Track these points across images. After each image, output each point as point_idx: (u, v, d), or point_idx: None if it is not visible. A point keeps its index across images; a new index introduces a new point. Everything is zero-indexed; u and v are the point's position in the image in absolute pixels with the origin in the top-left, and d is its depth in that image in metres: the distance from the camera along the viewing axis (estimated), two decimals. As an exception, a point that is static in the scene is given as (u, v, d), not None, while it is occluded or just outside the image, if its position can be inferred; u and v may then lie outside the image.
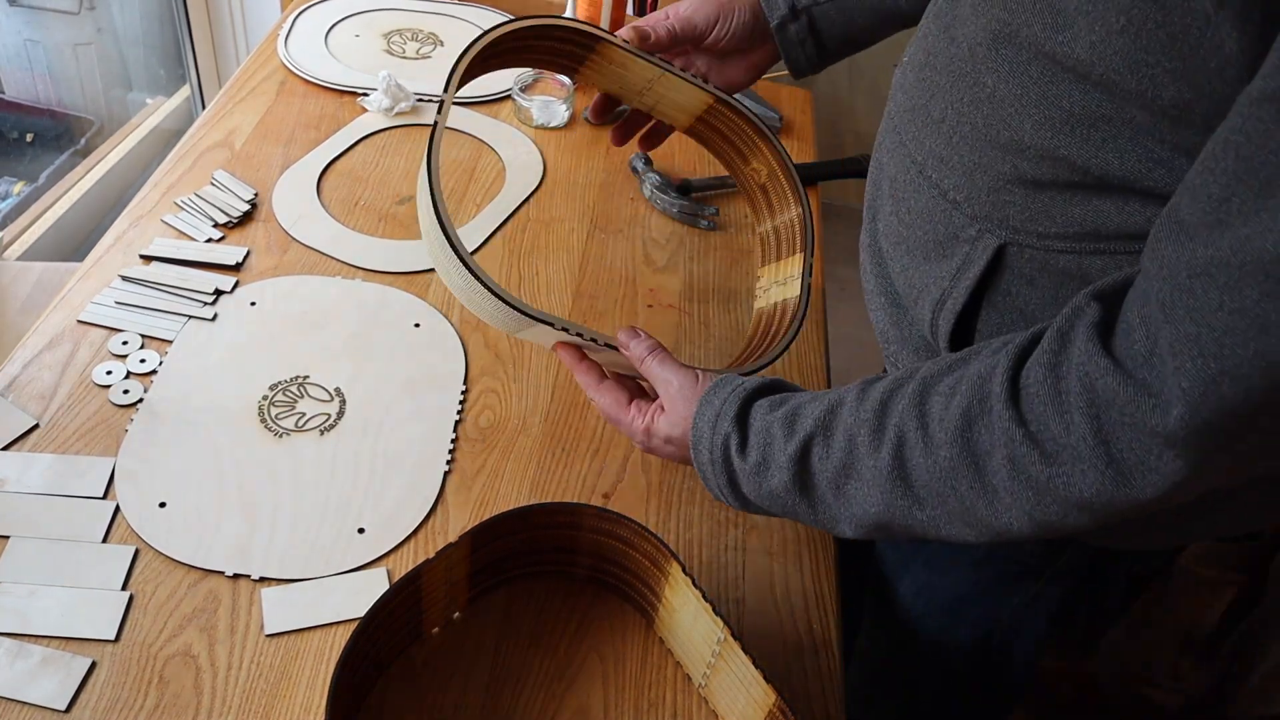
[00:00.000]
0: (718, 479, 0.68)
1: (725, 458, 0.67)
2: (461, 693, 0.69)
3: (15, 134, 1.87)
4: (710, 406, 0.69)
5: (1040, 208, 0.62)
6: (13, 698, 0.65)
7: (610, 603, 0.76)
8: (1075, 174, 0.59)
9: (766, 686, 0.62)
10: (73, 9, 1.92)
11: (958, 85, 0.65)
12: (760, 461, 0.65)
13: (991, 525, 0.57)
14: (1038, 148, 0.60)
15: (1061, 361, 0.52)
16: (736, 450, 0.66)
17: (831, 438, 0.62)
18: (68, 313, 0.90)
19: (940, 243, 0.69)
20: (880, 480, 0.60)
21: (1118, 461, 0.50)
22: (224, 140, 1.13)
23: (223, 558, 0.74)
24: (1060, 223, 0.62)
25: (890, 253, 0.74)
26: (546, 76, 1.27)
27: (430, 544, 0.77)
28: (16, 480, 0.76)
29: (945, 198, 0.68)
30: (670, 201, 1.12)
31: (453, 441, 0.85)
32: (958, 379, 0.58)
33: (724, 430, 0.67)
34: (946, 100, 0.66)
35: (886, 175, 0.75)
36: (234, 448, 0.81)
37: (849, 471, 0.61)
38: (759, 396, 0.68)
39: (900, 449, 0.59)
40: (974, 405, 0.56)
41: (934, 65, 0.68)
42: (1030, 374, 0.54)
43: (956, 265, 0.68)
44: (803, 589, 0.79)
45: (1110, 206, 0.59)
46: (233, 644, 0.69)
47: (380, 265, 1.00)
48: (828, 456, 0.62)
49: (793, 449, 0.63)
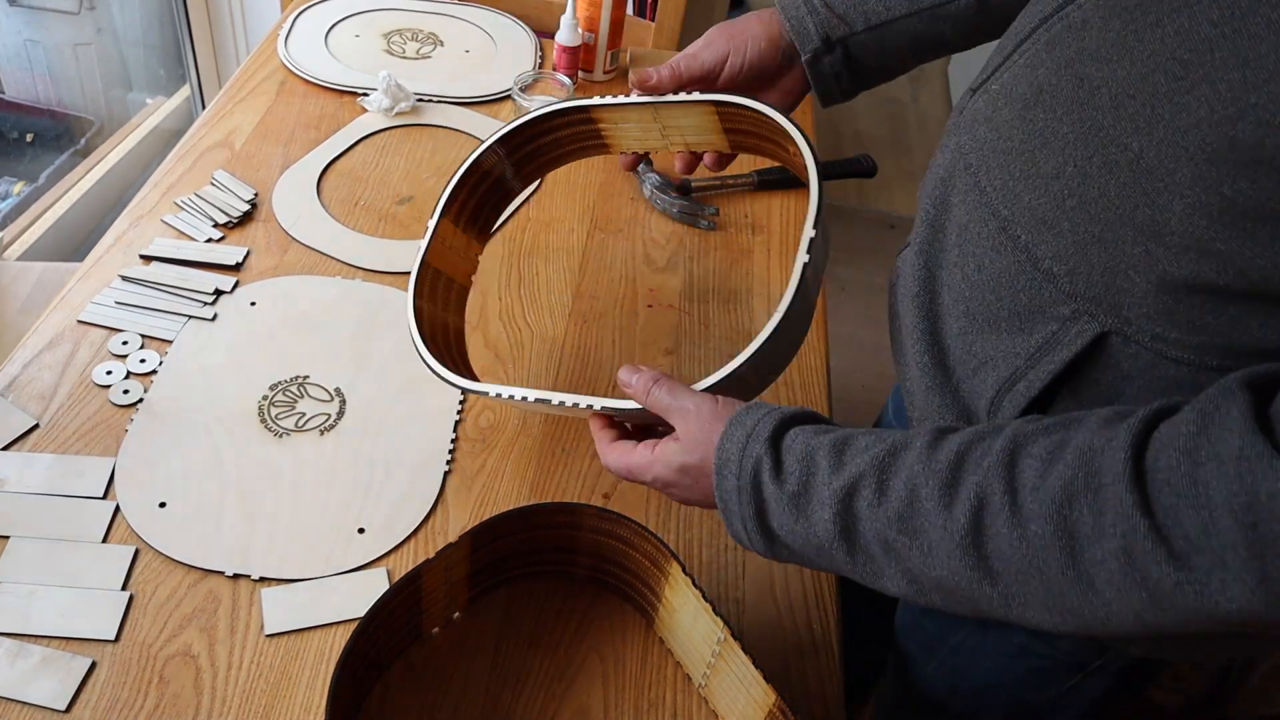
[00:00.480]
0: (743, 510, 0.57)
1: (755, 484, 0.57)
2: (461, 693, 0.69)
3: (15, 134, 1.87)
4: (740, 427, 0.58)
5: (1165, 306, 0.52)
6: (13, 698, 0.65)
7: (610, 603, 0.76)
8: (1224, 275, 0.49)
9: (766, 686, 0.62)
10: (73, 9, 1.92)
11: (1088, 141, 0.53)
12: (798, 492, 0.55)
13: (1084, 617, 0.48)
14: (1185, 236, 0.49)
15: (1203, 447, 0.43)
16: (770, 476, 0.56)
17: (888, 482, 0.52)
18: (68, 313, 0.90)
19: (1019, 314, 0.59)
20: (948, 544, 0.50)
21: (1269, 580, 0.41)
22: (224, 140, 1.13)
23: (223, 558, 0.74)
24: (1186, 328, 0.52)
25: (948, 311, 0.65)
26: (547, 76, 1.27)
27: (430, 544, 0.77)
28: (16, 480, 0.76)
29: (1037, 266, 0.58)
30: (670, 201, 1.12)
31: (453, 441, 0.85)
32: (1058, 444, 0.48)
33: (755, 453, 0.57)
34: (1066, 155, 0.55)
35: (954, 221, 0.64)
36: (234, 448, 0.81)
37: (908, 527, 0.52)
38: (798, 422, 0.58)
39: (980, 513, 0.49)
40: (1079, 480, 0.46)
41: (1048, 106, 0.56)
42: (1162, 458, 0.44)
43: (1038, 343, 0.59)
44: (803, 589, 0.79)
45: (1253, 318, 0.50)
46: (233, 644, 0.69)
47: (380, 265, 1.00)
48: (881, 504, 0.52)
49: (839, 484, 0.53)
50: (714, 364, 0.97)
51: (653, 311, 1.01)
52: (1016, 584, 0.49)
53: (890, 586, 0.54)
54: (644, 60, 1.37)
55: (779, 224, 1.15)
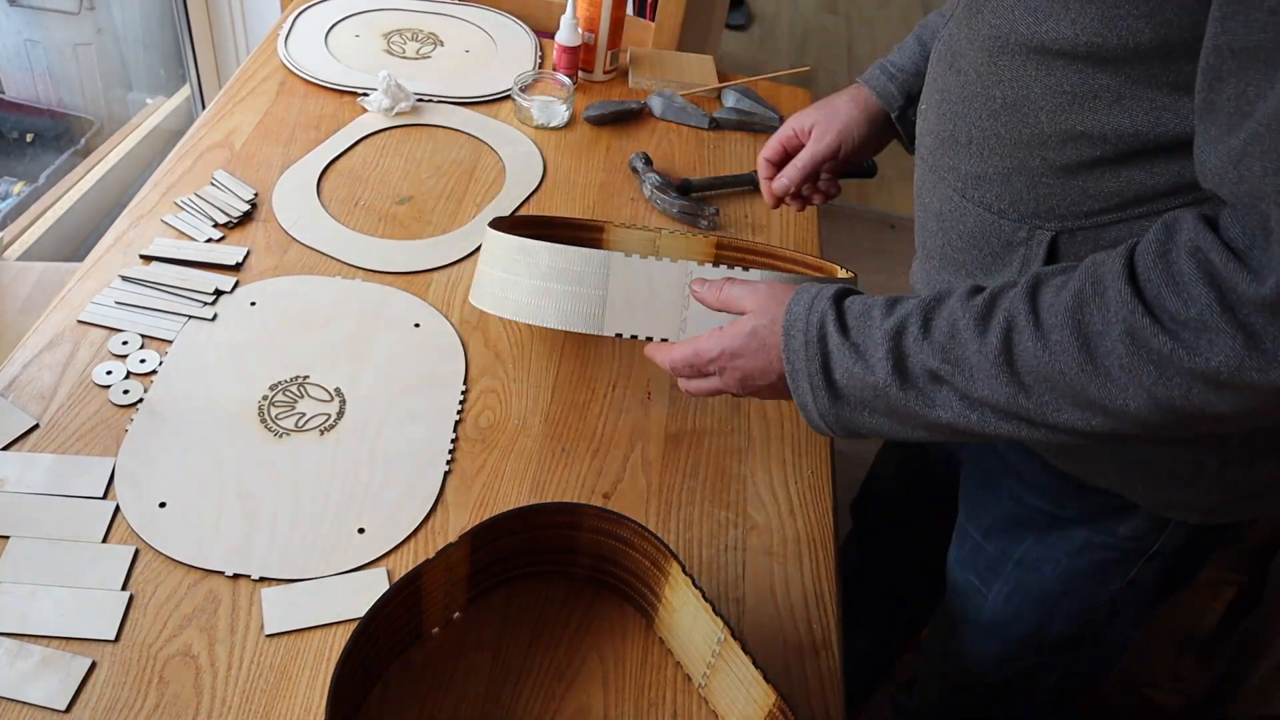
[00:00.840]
0: (810, 365, 0.66)
1: (821, 336, 0.65)
2: (461, 693, 0.69)
3: (15, 134, 1.87)
4: (806, 293, 0.68)
5: (1079, 190, 0.66)
6: (13, 698, 0.65)
7: (610, 603, 0.76)
8: (1097, 147, 0.64)
9: (766, 686, 0.62)
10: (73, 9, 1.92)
11: (974, 106, 0.70)
12: (858, 344, 0.64)
13: (1106, 406, 0.57)
14: (1057, 133, 0.65)
15: (1170, 248, 0.54)
16: (835, 326, 0.65)
17: (932, 320, 0.62)
18: (68, 313, 0.90)
19: (996, 255, 0.72)
20: (985, 366, 0.59)
21: (1246, 327, 0.51)
22: (224, 140, 1.13)
23: (223, 558, 0.74)
24: (1101, 199, 0.66)
25: (951, 281, 0.77)
26: (547, 76, 1.27)
27: (430, 544, 0.77)
28: (16, 480, 0.76)
29: (991, 210, 0.72)
30: (670, 201, 1.12)
31: (453, 441, 0.85)
32: (1069, 269, 0.59)
33: (820, 309, 0.66)
34: (969, 122, 0.71)
35: (932, 212, 0.78)
36: (234, 448, 0.81)
37: (950, 356, 0.61)
38: (851, 291, 0.69)
39: (1009, 334, 0.59)
40: (1087, 288, 0.57)
41: (948, 99, 0.74)
42: (1141, 260, 0.55)
43: (1017, 268, 0.71)
44: (803, 589, 0.79)
45: (1140, 172, 0.63)
46: (233, 644, 0.69)
47: (380, 265, 1.00)
48: (926, 338, 0.62)
49: (890, 325, 0.63)
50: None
51: (653, 311, 1.01)
52: (1047, 391, 0.58)
53: (943, 415, 0.62)
54: (644, 60, 1.37)
55: (779, 224, 1.15)
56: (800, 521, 0.84)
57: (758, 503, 0.84)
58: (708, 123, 1.28)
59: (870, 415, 0.66)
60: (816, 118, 0.97)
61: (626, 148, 1.23)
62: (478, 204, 1.11)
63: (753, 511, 0.84)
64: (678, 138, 1.26)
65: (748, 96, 1.31)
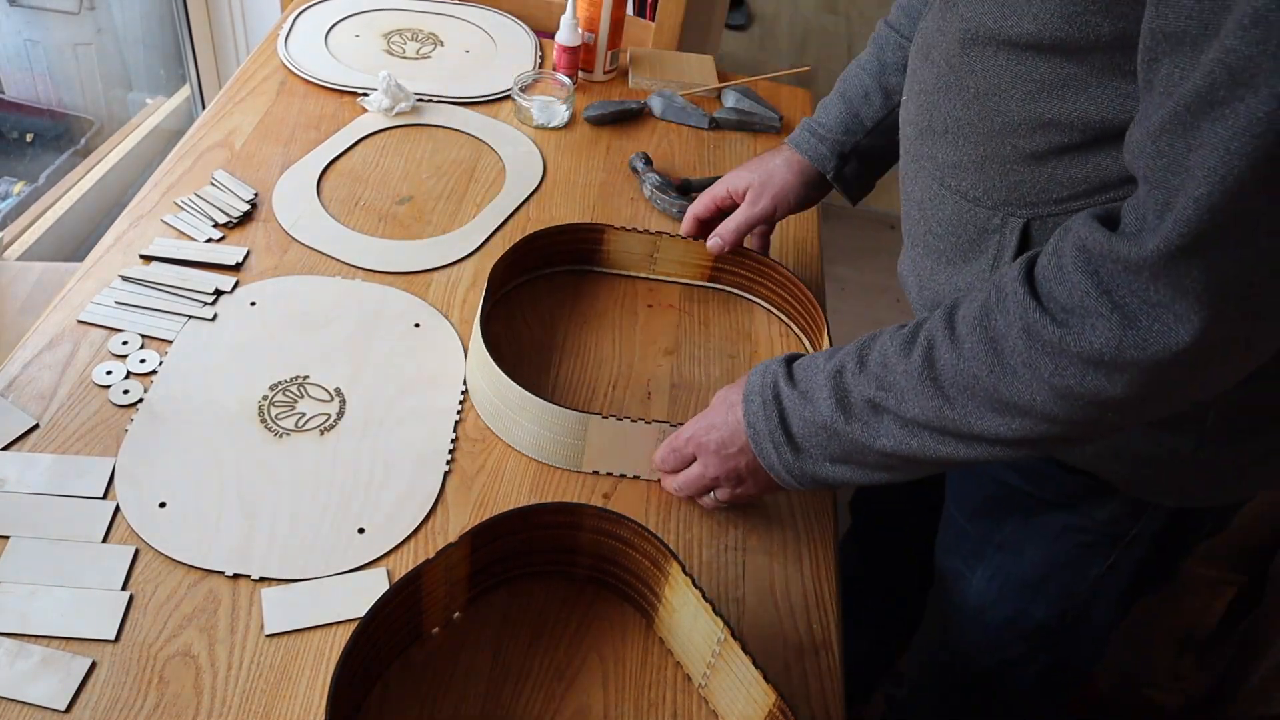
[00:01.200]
0: (769, 422, 0.72)
1: (775, 395, 0.72)
2: (461, 693, 0.69)
3: (15, 134, 1.86)
4: (757, 370, 0.76)
5: (1048, 177, 0.69)
6: (13, 698, 0.65)
7: (610, 603, 0.76)
8: (1065, 134, 0.66)
9: (767, 686, 0.62)
10: (73, 9, 1.92)
11: (948, 96, 0.73)
12: (806, 391, 0.71)
13: (1017, 404, 0.61)
14: (1027, 121, 0.68)
15: (1062, 245, 0.59)
16: (785, 382, 0.72)
17: (867, 356, 0.69)
18: (68, 313, 0.90)
19: (973, 241, 0.75)
20: (912, 383, 0.65)
21: (1121, 307, 0.55)
22: (224, 140, 1.13)
23: (223, 558, 0.74)
24: (1070, 185, 0.68)
25: (932, 268, 0.81)
26: (547, 76, 1.27)
27: (430, 544, 0.77)
28: (16, 480, 0.76)
29: (966, 198, 0.75)
30: (670, 201, 1.12)
31: (453, 442, 0.85)
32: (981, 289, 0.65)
33: (773, 372, 0.74)
34: (944, 111, 0.74)
35: (914, 200, 0.82)
36: (234, 448, 0.81)
37: (884, 383, 0.67)
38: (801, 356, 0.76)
39: (930, 351, 0.65)
40: (991, 297, 0.62)
41: (925, 90, 0.77)
42: (1038, 261, 0.61)
43: (992, 255, 0.74)
44: (802, 589, 0.79)
45: (1107, 158, 0.66)
46: (233, 644, 0.69)
47: (380, 265, 1.00)
48: (862, 372, 0.68)
49: (831, 367, 0.70)
50: (714, 364, 0.97)
51: (653, 311, 1.01)
52: (966, 397, 0.63)
53: (887, 443, 0.68)
54: (644, 60, 1.37)
55: (779, 225, 1.15)
56: (800, 521, 0.84)
57: (757, 502, 0.84)
58: (708, 123, 1.28)
59: (830, 464, 0.72)
60: (752, 180, 1.00)
61: (626, 148, 1.23)
62: (478, 204, 1.11)
63: (752, 512, 0.84)
64: (678, 138, 1.27)
65: (748, 96, 1.31)
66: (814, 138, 0.99)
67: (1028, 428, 0.63)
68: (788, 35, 3.50)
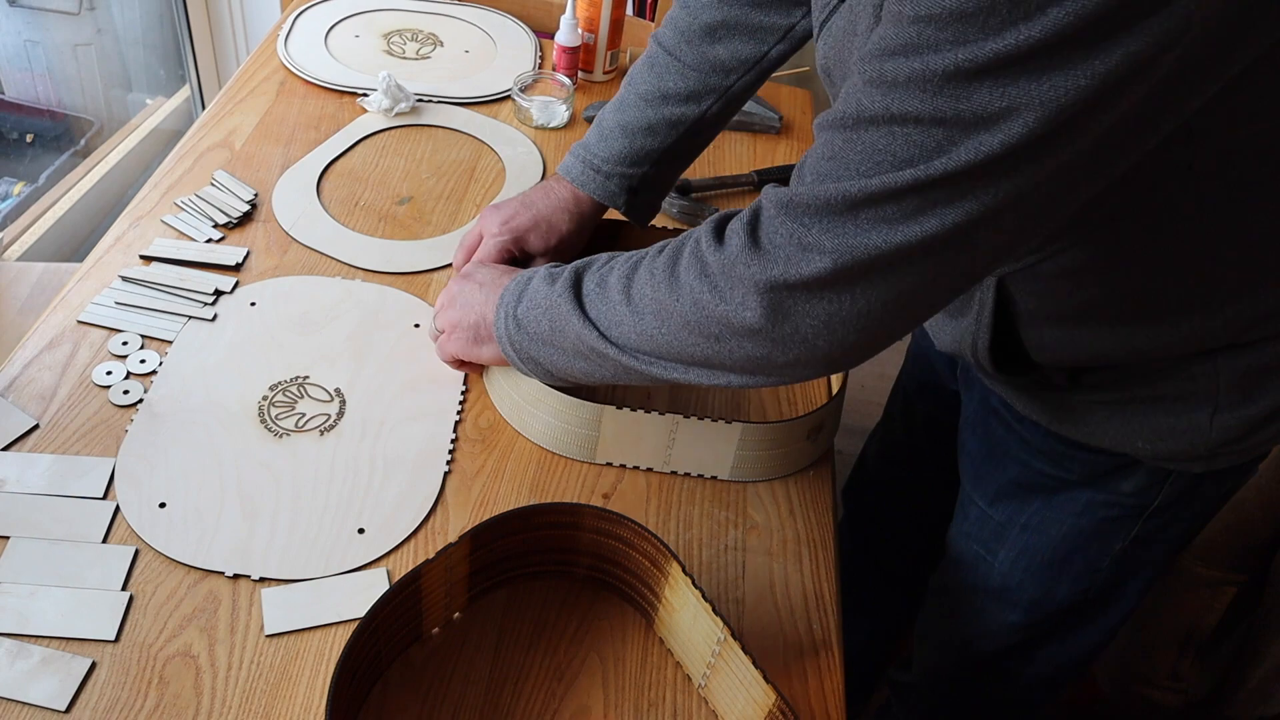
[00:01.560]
0: (507, 297, 0.78)
1: (528, 279, 0.78)
2: (461, 692, 0.69)
3: (15, 134, 1.87)
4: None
5: None
6: (13, 698, 0.65)
7: (610, 603, 0.76)
8: None
9: (767, 686, 0.62)
10: (73, 10, 1.92)
11: None
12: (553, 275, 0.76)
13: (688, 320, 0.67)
14: None
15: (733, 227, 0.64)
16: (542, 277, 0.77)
17: (612, 263, 0.74)
18: (68, 313, 0.90)
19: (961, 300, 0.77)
20: (618, 294, 0.71)
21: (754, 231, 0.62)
22: (224, 141, 1.13)
23: (222, 558, 0.74)
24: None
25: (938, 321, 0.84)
26: (546, 76, 1.27)
27: (430, 544, 0.77)
28: (16, 480, 0.76)
29: None
30: (670, 202, 1.12)
31: (452, 442, 0.85)
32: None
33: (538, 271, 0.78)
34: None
35: None
36: (234, 448, 0.81)
37: (602, 282, 0.72)
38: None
39: (634, 271, 0.71)
40: (685, 238, 0.69)
41: None
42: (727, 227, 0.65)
43: (976, 309, 0.76)
44: (802, 589, 0.79)
45: None
46: (233, 644, 0.69)
47: (380, 265, 1.00)
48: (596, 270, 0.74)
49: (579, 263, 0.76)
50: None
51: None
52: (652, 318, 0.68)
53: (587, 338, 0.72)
54: (644, 60, 1.37)
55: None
56: (800, 521, 0.84)
57: (757, 503, 0.84)
58: (707, 123, 1.28)
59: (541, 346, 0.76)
60: (531, 225, 0.92)
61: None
62: (477, 204, 1.11)
63: (752, 511, 0.84)
64: (677, 138, 1.26)
65: (747, 97, 1.31)
66: (597, 174, 0.93)
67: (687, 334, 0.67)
68: (787, 35, 3.49)
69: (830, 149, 0.58)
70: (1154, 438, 0.78)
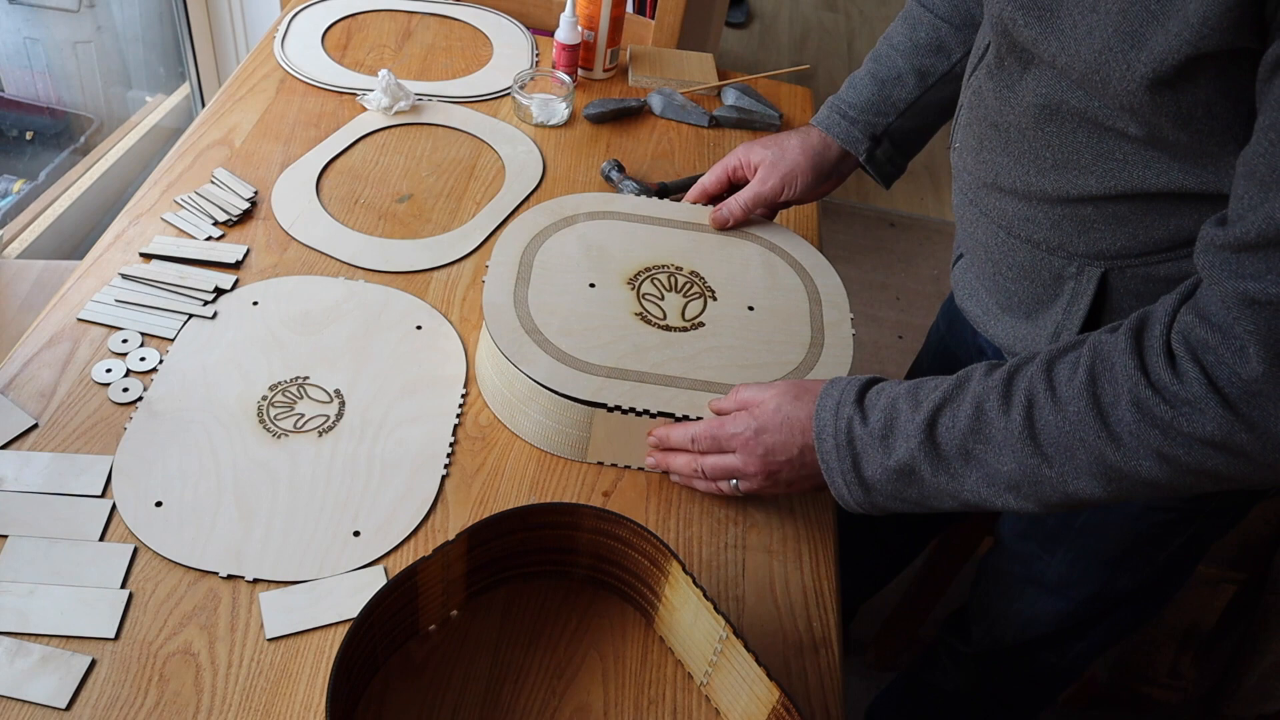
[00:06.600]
0: (842, 463, 0.71)
1: (850, 438, 0.70)
2: (461, 689, 0.69)
3: (15, 132, 1.86)
4: (830, 398, 0.73)
5: (1128, 235, 0.69)
6: (13, 696, 0.65)
7: (609, 602, 0.76)
8: (1149, 201, 0.67)
9: (770, 684, 0.62)
10: (72, 7, 1.91)
11: (1020, 163, 0.73)
12: (884, 434, 0.69)
13: (1120, 469, 0.61)
14: (1107, 193, 0.68)
15: (1166, 328, 0.60)
16: (860, 424, 0.70)
17: (960, 405, 0.67)
18: (67, 311, 0.90)
19: (1047, 285, 0.76)
20: (1011, 441, 0.64)
21: (1234, 405, 0.57)
22: (224, 138, 1.13)
23: (217, 558, 0.73)
24: (1151, 243, 0.69)
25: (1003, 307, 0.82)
26: (546, 74, 1.27)
27: (429, 544, 0.77)
28: (15, 479, 0.76)
29: (1039, 248, 0.75)
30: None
31: (451, 444, 0.85)
32: (1080, 350, 0.64)
33: (847, 414, 0.71)
34: (1014, 175, 0.74)
35: (978, 242, 0.82)
36: (232, 448, 0.81)
37: (978, 435, 0.66)
38: (872, 384, 0.73)
39: (1030, 410, 0.64)
40: (1098, 364, 0.62)
41: (988, 149, 0.76)
42: (1146, 339, 0.61)
43: (1066, 300, 0.75)
44: (803, 587, 0.79)
45: (1189, 220, 0.67)
46: (233, 642, 0.69)
47: (378, 264, 1.00)
48: (955, 423, 0.67)
49: (920, 418, 0.68)
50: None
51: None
52: (1066, 460, 0.63)
53: (969, 495, 0.67)
54: (643, 58, 1.37)
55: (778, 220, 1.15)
56: (800, 519, 0.84)
57: (757, 500, 0.84)
58: (707, 121, 1.28)
59: (898, 502, 0.71)
60: (764, 156, 0.98)
61: (626, 146, 1.23)
62: (477, 202, 1.11)
63: (752, 509, 0.84)
64: (677, 136, 1.26)
65: (747, 94, 1.31)
66: (844, 119, 0.96)
67: (1125, 490, 0.63)
68: (788, 33, 3.49)
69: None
70: None
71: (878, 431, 0.69)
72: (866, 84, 0.96)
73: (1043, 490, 0.65)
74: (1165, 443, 0.59)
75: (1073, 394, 0.62)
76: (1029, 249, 0.76)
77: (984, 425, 0.65)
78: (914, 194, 2.74)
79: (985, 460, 0.66)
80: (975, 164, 0.79)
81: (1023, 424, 0.64)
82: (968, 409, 0.66)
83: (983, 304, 0.85)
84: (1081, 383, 0.62)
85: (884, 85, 0.95)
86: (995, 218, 0.78)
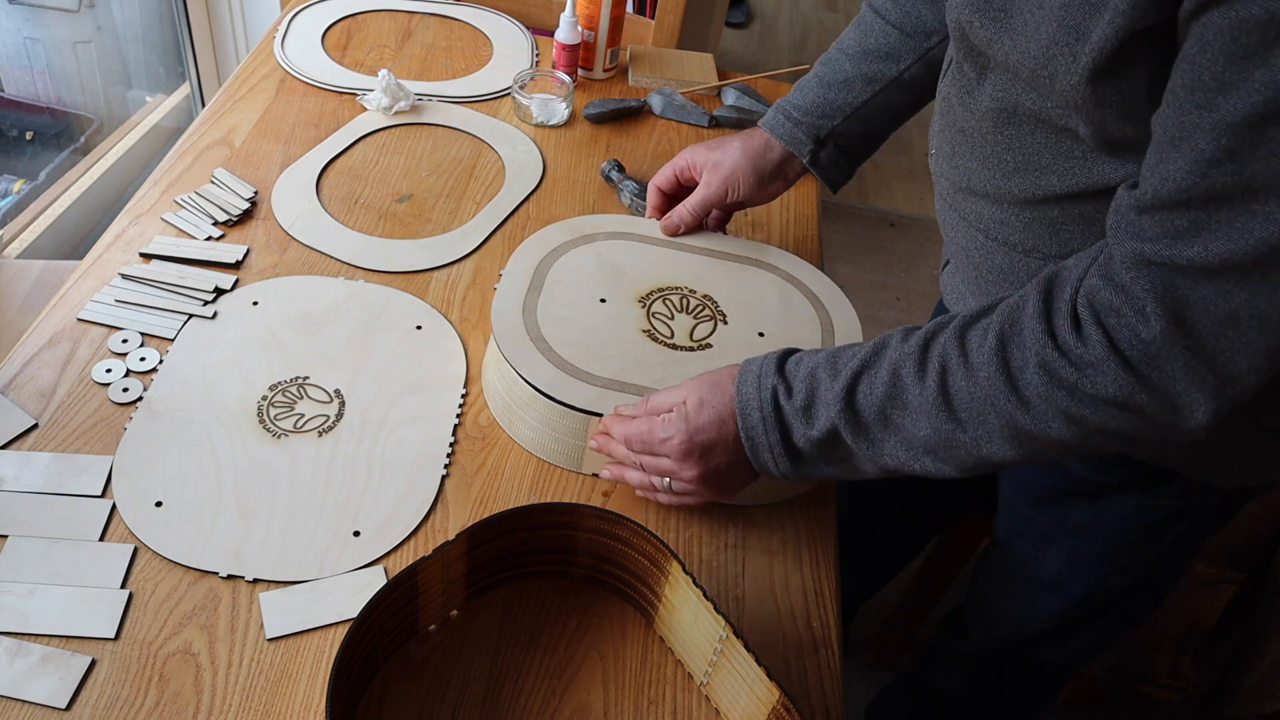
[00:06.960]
0: (769, 436, 0.71)
1: (775, 408, 0.71)
2: (461, 690, 0.69)
3: (15, 132, 1.86)
4: (750, 373, 0.73)
5: (1097, 234, 0.69)
6: (13, 696, 0.65)
7: (609, 602, 0.76)
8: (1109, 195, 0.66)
9: (770, 684, 0.62)
10: (72, 7, 1.91)
11: (986, 166, 0.74)
12: (807, 404, 0.70)
13: (1031, 431, 0.63)
14: (1070, 192, 0.69)
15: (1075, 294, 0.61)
16: (784, 396, 0.71)
17: (877, 372, 0.68)
18: (67, 311, 0.90)
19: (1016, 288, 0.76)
20: (926, 407, 0.65)
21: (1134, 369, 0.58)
22: (224, 138, 1.13)
23: (217, 558, 0.73)
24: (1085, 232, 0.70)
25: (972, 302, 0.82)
26: (546, 74, 1.27)
27: (429, 544, 0.77)
28: (15, 479, 0.76)
29: (1015, 250, 0.76)
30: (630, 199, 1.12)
31: (451, 444, 0.85)
32: (991, 316, 0.65)
33: (769, 384, 0.71)
34: (983, 178, 0.75)
35: (959, 246, 0.83)
36: (231, 448, 0.81)
37: (895, 401, 0.67)
38: (789, 355, 0.74)
39: (944, 376, 0.65)
40: (1007, 329, 0.63)
41: (960, 153, 0.77)
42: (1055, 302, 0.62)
43: None
44: (802, 586, 0.79)
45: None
46: (233, 642, 0.69)
47: (378, 264, 1.00)
48: (873, 390, 0.67)
49: (839, 386, 0.68)
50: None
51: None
52: (979, 424, 0.64)
53: (889, 460, 0.68)
54: (643, 58, 1.37)
55: (779, 222, 1.15)
56: (800, 519, 0.84)
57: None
58: (707, 120, 1.28)
59: (825, 465, 0.72)
60: (708, 159, 0.97)
61: (626, 146, 1.23)
62: (477, 202, 1.11)
63: (752, 510, 0.84)
64: (677, 135, 1.26)
65: (747, 94, 1.31)
66: (788, 120, 0.96)
67: (1036, 451, 0.64)
68: (787, 33, 3.49)
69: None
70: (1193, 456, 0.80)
71: (800, 401, 0.70)
72: (813, 87, 0.96)
73: (958, 454, 0.66)
74: (1072, 404, 0.60)
75: (983, 359, 0.63)
76: (1006, 251, 0.77)
77: (900, 392, 0.66)
78: (914, 194, 2.74)
79: (903, 426, 0.67)
80: (950, 169, 0.80)
81: (937, 390, 0.65)
82: (885, 375, 0.67)
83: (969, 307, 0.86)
84: (991, 348, 0.63)
85: (830, 88, 0.95)
86: (973, 221, 0.79)
